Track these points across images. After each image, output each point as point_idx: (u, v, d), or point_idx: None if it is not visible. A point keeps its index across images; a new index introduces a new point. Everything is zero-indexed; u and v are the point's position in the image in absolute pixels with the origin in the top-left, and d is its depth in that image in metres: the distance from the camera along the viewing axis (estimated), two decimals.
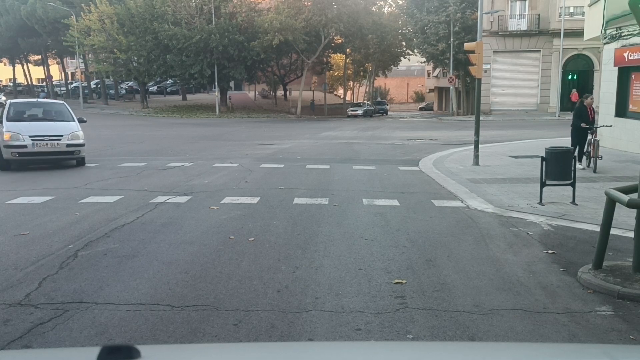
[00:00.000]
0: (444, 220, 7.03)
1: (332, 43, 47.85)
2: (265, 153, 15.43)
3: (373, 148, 17.58)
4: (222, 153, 15.38)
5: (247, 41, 39.08)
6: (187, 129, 27.59)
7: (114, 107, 46.66)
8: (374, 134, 24.29)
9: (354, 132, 25.55)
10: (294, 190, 9.04)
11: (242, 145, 18.36)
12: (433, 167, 12.26)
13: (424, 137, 22.26)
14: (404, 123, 34.34)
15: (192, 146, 18.07)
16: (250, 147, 17.59)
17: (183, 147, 17.78)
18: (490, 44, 37.05)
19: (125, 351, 1.31)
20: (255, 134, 24.45)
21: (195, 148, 17.30)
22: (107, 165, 12.34)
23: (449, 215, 7.34)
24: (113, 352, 1.31)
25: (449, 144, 19.15)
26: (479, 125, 12.81)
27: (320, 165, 12.37)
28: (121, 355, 1.30)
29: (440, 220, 7.03)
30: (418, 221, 6.94)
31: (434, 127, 29.92)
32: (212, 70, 39.88)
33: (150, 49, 40.57)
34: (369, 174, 11.23)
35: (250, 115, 41.40)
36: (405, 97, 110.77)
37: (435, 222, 6.88)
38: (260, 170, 11.54)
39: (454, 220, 7.03)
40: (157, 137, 22.09)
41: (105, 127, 27.95)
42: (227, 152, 15.87)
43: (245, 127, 29.52)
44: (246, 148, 17.29)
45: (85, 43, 41.58)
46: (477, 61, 12.40)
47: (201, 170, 11.55)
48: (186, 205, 7.79)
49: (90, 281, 4.63)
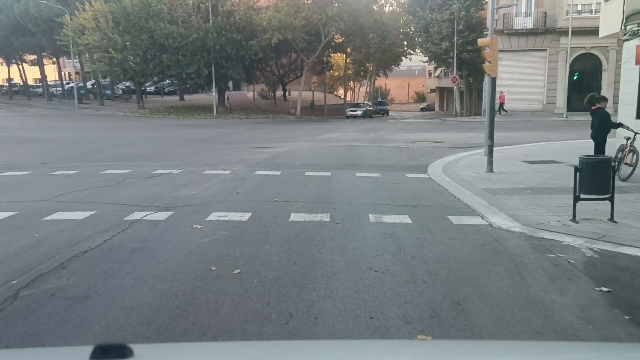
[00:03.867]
0: (466, 243, 5.97)
1: (333, 42, 46.83)
2: (262, 158, 14.38)
3: (376, 152, 16.53)
4: (215, 158, 14.33)
5: (245, 40, 38.04)
6: (182, 131, 26.54)
7: (109, 107, 45.60)
8: (377, 136, 23.25)
9: (355, 134, 24.51)
10: (290, 203, 7.99)
11: (238, 149, 17.31)
12: (443, 174, 11.21)
13: (428, 140, 21.22)
14: (406, 124, 33.31)
15: (184, 149, 17.02)
16: (246, 151, 16.55)
17: (175, 150, 16.73)
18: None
19: (118, 350, 1.29)
20: (253, 136, 23.41)
21: (188, 152, 16.24)
22: (87, 173, 11.29)
23: (471, 236, 6.28)
24: (106, 350, 1.29)
25: (456, 147, 18.12)
26: (493, 129, 11.75)
27: (321, 172, 11.32)
28: (114, 354, 1.29)
29: (461, 243, 5.97)
30: (436, 245, 5.88)
31: (438, 128, 28.88)
32: (209, 70, 38.82)
33: (146, 48, 39.53)
34: (374, 182, 10.18)
35: (249, 116, 40.36)
36: (406, 98, 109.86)
37: (456, 247, 5.83)
38: (255, 178, 10.49)
39: (477, 243, 5.98)
40: (149, 140, 21.04)
41: (97, 129, 26.92)
42: (220, 156, 14.82)
43: (243, 129, 28.48)
44: (242, 152, 16.25)
45: (79, 42, 40.52)
46: (492, 58, 11.34)
47: (189, 178, 10.50)
48: (165, 224, 6.73)
49: (22, 338, 3.57)
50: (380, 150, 17.15)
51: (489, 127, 11.68)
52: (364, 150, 16.87)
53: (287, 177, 10.74)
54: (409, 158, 14.63)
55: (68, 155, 15.31)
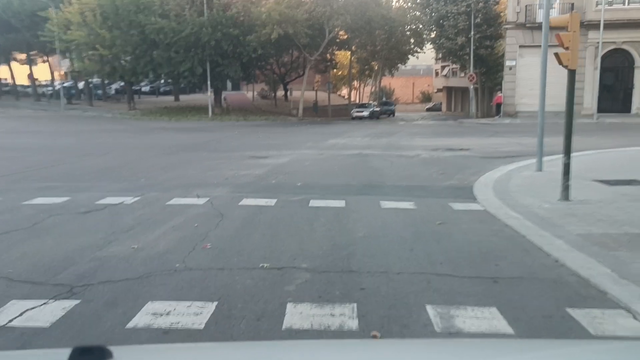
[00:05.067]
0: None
1: (337, 38, 43.83)
2: (254, 175, 11.25)
3: (397, 164, 13.41)
4: (195, 175, 11.21)
5: (243, 35, 34.99)
6: (169, 136, 23.47)
7: (98, 109, 42.58)
8: (391, 142, 20.12)
9: (365, 139, 21.39)
10: (287, 273, 4.82)
11: (228, 160, 14.22)
12: (502, 205, 8.08)
13: (452, 147, 18.12)
14: (420, 127, 30.15)
15: (161, 161, 13.92)
16: (237, 163, 13.46)
17: (149, 162, 13.64)
18: (515, 37, 32.93)
19: (97, 352, 1.28)
20: (248, 142, 20.33)
21: (164, 165, 13.14)
22: (7, 202, 8.17)
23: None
24: (85, 353, 1.27)
25: (489, 156, 15.04)
26: (571, 141, 8.59)
27: (331, 201, 8.19)
28: (93, 356, 1.27)
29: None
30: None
31: (458, 132, 25.73)
32: (203, 67, 35.79)
33: (136, 44, 36.52)
34: (410, 221, 7.04)
35: (247, 118, 37.29)
36: (411, 98, 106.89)
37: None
38: (238, 214, 7.34)
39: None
40: (127, 147, 17.98)
41: (74, 134, 23.88)
42: (202, 172, 11.69)
43: (239, 133, 25.40)
44: (231, 164, 13.15)
45: (64, 38, 37.52)
46: (572, 43, 8.26)
47: (143, 214, 7.34)
48: (47, 336, 3.61)
49: None
50: (400, 161, 14.04)
51: (566, 138, 8.52)
52: (381, 162, 13.75)
53: (284, 210, 7.60)
54: (442, 174, 11.50)
55: (17, 168, 12.24)
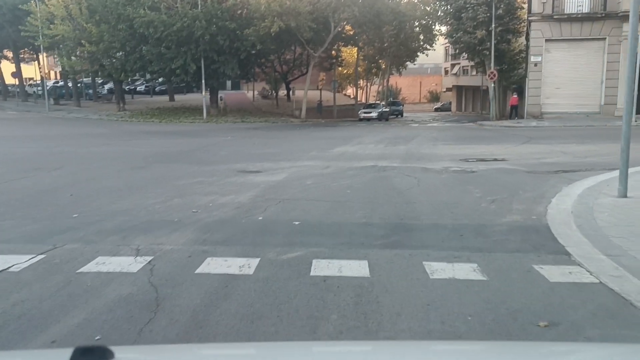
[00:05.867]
0: None
1: (343, 34, 40.72)
2: (235, 205, 8.15)
3: (426, 183, 10.31)
4: (152, 207, 8.10)
5: (240, 29, 31.90)
6: (150, 142, 20.45)
7: (86, 109, 39.61)
8: (410, 150, 17.02)
9: (379, 147, 18.29)
10: None
11: (209, 178, 11.17)
12: (616, 266, 4.98)
13: (484, 156, 15.04)
14: (437, 131, 26.97)
15: (121, 181, 10.86)
16: (219, 183, 10.40)
17: (102, 183, 10.54)
18: (542, 30, 29.71)
19: (99, 352, 1.28)
20: (241, 150, 17.29)
21: (121, 187, 10.07)
22: None
23: None
24: (86, 353, 1.27)
25: (536, 170, 11.93)
26: None
27: (346, 262, 5.08)
28: (94, 356, 1.27)
29: None
30: None
31: (483, 137, 22.58)
32: (197, 65, 32.74)
33: (125, 40, 33.50)
34: (490, 317, 3.91)
35: (245, 120, 34.24)
36: (418, 97, 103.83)
37: None
38: (186, 304, 4.12)
39: None
40: (92, 158, 14.96)
41: (42, 139, 20.91)
42: (164, 201, 8.58)
43: (232, 138, 22.35)
44: (210, 186, 10.09)
45: (46, 33, 34.59)
46: None
47: (22, 300, 4.29)
48: None
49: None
50: (428, 178, 10.94)
51: None
52: (404, 180, 10.65)
53: (268, 288, 4.47)
54: (493, 202, 8.38)
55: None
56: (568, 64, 29.66)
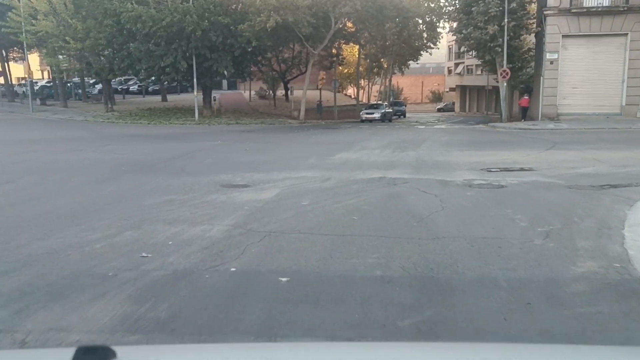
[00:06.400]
0: None
1: (344, 30, 38.68)
2: (203, 243, 6.05)
3: (450, 204, 8.22)
4: (98, 240, 6.01)
5: (235, 24, 29.82)
6: (131, 147, 18.40)
7: (73, 110, 37.52)
8: (421, 157, 14.95)
9: (386, 152, 16.23)
10: None
11: (182, 195, 9.12)
12: None
13: (508, 164, 13.01)
14: (447, 134, 24.85)
15: (73, 202, 8.77)
16: (192, 204, 8.35)
17: (51, 204, 8.46)
18: (558, 25, 27.63)
19: (101, 352, 1.28)
20: (230, 157, 15.24)
21: (70, 210, 7.98)
22: None
23: None
24: (88, 352, 1.27)
25: (576, 185, 9.93)
26: None
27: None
28: (97, 356, 1.26)
29: None
30: None
31: (499, 141, 20.48)
32: (189, 62, 30.67)
33: (112, 36, 31.43)
34: None
35: (240, 121, 32.17)
36: (420, 97, 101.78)
37: None
38: None
39: None
40: (56, 167, 12.92)
41: (13, 143, 18.89)
42: (116, 232, 6.48)
43: (223, 142, 20.30)
44: (180, 208, 8.01)
45: (28, 29, 32.54)
46: None
47: None
48: None
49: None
50: (451, 197, 8.88)
51: None
52: (423, 201, 8.58)
53: None
54: (547, 236, 6.29)
55: None
56: (586, 61, 27.58)
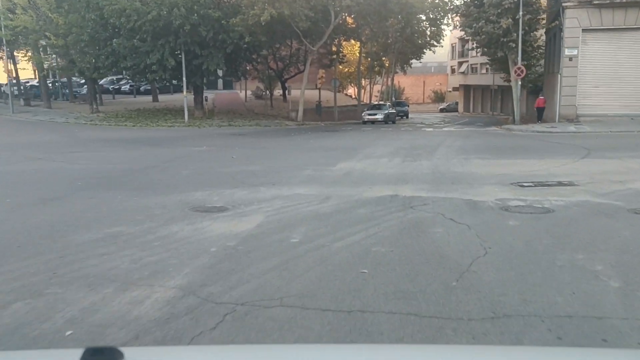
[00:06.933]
0: None
1: (344, 26, 36.52)
2: (129, 325, 3.88)
3: (500, 248, 5.92)
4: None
5: (226, 18, 27.60)
6: (101, 155, 16.19)
7: (55, 111, 35.23)
8: (438, 168, 12.68)
9: (395, 161, 13.99)
10: None
11: (138, 224, 6.89)
12: None
13: (544, 178, 10.81)
14: (459, 137, 22.56)
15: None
16: (143, 240, 6.12)
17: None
18: (578, 18, 25.39)
19: (109, 353, 1.29)
20: (212, 168, 13.00)
21: None
22: None
23: None
24: (96, 353, 1.28)
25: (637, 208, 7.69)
26: None
27: None
28: (104, 357, 1.27)
29: None
30: None
31: (521, 147, 18.20)
32: (177, 60, 28.45)
33: (94, 31, 29.21)
34: None
35: (233, 123, 29.95)
36: (422, 97, 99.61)
37: None
38: None
39: None
40: (1, 180, 10.72)
41: None
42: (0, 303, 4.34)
43: (209, 148, 18.09)
44: (120, 254, 5.75)
45: (5, 24, 30.31)
46: None
47: None
48: None
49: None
50: (485, 225, 6.67)
51: None
52: (452, 233, 6.34)
53: None
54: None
55: None
56: (608, 57, 25.35)
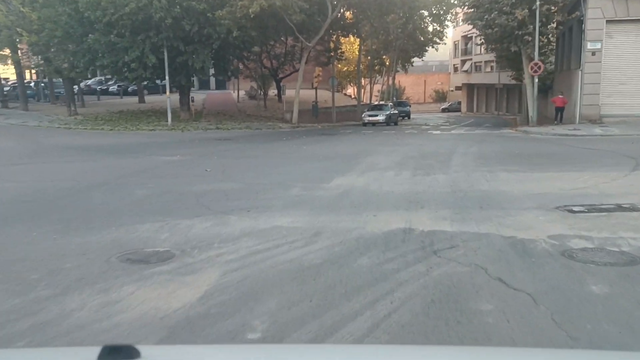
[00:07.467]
0: None
1: (342, 21, 34.04)
2: None
3: (591, 338, 3.52)
4: None
5: (212, 10, 25.08)
6: (48, 168, 13.68)
7: (31, 114, 32.67)
8: (458, 184, 10.13)
9: (404, 175, 11.44)
10: None
11: (24, 294, 4.37)
12: None
13: (596, 198, 8.30)
14: (473, 142, 19.93)
15: None
16: (18, 326, 3.63)
17: None
18: (602, 8, 22.85)
19: (126, 351, 1.30)
20: (176, 185, 10.47)
21: None
22: None
23: None
24: (114, 351, 1.30)
25: None
26: None
27: None
28: (121, 354, 1.29)
29: None
30: None
31: (549, 154, 15.68)
32: (159, 57, 25.93)
33: (69, 26, 26.69)
34: None
35: (222, 126, 27.42)
36: (423, 97, 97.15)
37: None
38: None
39: None
40: None
41: None
42: None
43: (184, 156, 15.56)
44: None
45: None
46: None
47: None
48: None
49: None
50: (555, 291, 4.12)
51: None
52: (513, 316, 3.80)
53: None
54: None
55: None
56: (636, 51, 22.87)
